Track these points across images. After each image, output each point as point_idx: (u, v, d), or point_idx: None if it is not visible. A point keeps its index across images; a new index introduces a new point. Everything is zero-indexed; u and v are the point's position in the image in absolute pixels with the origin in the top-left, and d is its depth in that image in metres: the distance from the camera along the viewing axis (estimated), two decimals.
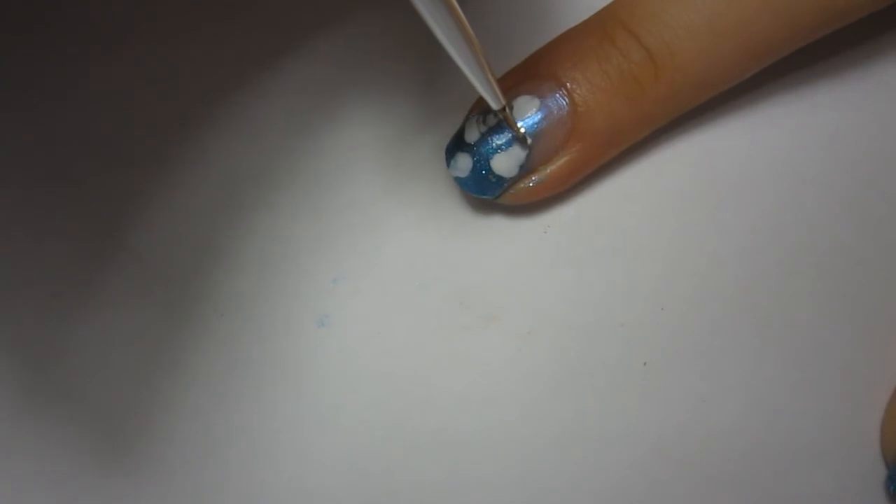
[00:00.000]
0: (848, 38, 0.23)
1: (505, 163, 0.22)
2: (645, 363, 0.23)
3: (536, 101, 0.22)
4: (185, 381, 0.23)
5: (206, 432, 0.23)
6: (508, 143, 0.22)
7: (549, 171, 0.22)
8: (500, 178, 0.22)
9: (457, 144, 0.22)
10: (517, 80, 0.22)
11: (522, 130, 0.22)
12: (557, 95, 0.22)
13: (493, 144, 0.22)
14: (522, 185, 0.22)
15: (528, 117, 0.22)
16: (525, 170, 0.22)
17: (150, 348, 0.23)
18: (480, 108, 0.22)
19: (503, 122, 0.22)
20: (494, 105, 0.21)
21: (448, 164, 0.23)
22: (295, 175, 0.24)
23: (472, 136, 0.22)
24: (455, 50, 0.18)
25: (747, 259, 0.23)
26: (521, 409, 0.23)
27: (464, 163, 0.22)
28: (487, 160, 0.22)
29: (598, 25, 0.22)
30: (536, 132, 0.22)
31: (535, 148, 0.22)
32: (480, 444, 0.23)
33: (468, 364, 0.23)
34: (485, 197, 0.23)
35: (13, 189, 0.24)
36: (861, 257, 0.23)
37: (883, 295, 0.23)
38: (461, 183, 0.23)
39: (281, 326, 0.23)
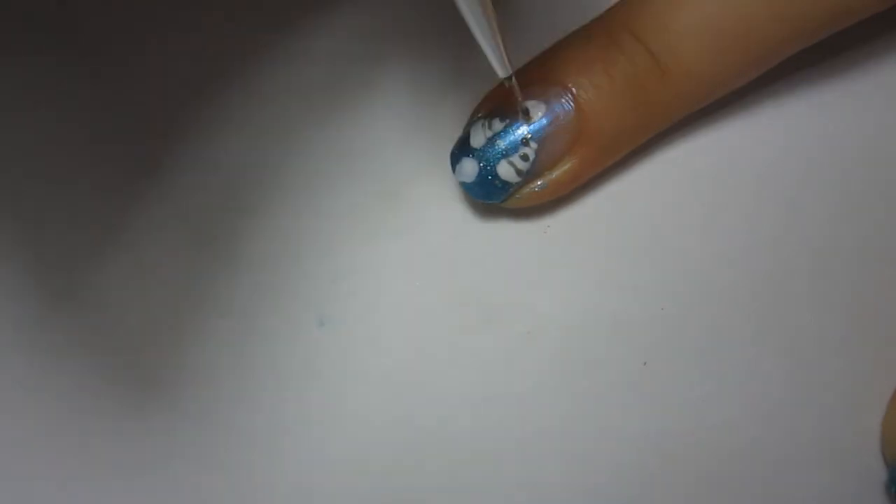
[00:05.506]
0: (848, 38, 0.23)
1: (511, 168, 0.22)
2: (645, 363, 0.23)
3: (542, 106, 0.22)
4: (185, 380, 0.23)
5: (207, 432, 0.23)
6: (515, 148, 0.22)
7: (554, 175, 0.22)
8: (505, 184, 0.22)
9: (462, 149, 0.22)
10: (522, 85, 0.22)
11: (534, 111, 0.22)
12: (563, 100, 0.22)
13: (500, 149, 0.22)
14: (528, 190, 0.22)
15: (533, 122, 0.22)
16: (531, 174, 0.22)
17: (151, 349, 0.23)
18: (484, 110, 0.22)
19: (509, 126, 0.22)
20: (501, 73, 0.20)
21: (453, 170, 0.22)
22: (296, 176, 0.24)
23: (477, 140, 0.22)
24: (466, 6, 0.17)
25: (747, 259, 0.23)
26: (521, 409, 0.23)
27: (469, 168, 0.22)
28: (493, 165, 0.22)
29: (603, 30, 0.22)
30: (542, 136, 0.22)
31: (541, 152, 0.22)
32: (480, 444, 0.23)
33: (468, 364, 0.23)
34: (490, 202, 0.23)
35: (13, 189, 0.24)
36: (861, 257, 0.23)
37: (883, 295, 0.23)
38: (466, 188, 0.22)
39: (281, 326, 0.23)
